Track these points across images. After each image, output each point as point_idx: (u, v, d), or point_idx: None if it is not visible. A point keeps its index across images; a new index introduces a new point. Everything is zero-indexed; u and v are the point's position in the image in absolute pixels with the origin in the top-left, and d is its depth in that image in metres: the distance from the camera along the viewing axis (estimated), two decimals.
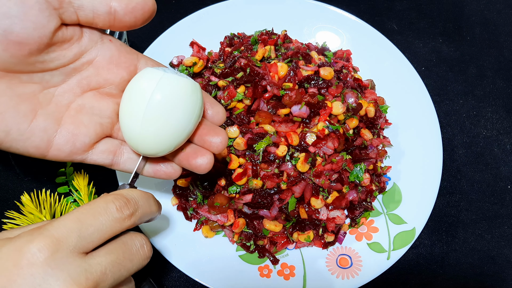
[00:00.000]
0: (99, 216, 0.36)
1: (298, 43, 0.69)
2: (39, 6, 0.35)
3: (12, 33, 0.35)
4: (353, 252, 0.61)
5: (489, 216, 0.68)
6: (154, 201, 0.42)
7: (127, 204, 0.38)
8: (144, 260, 0.40)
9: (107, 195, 0.38)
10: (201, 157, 0.45)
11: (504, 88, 0.77)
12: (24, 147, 0.40)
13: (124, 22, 0.40)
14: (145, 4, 0.40)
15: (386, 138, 0.66)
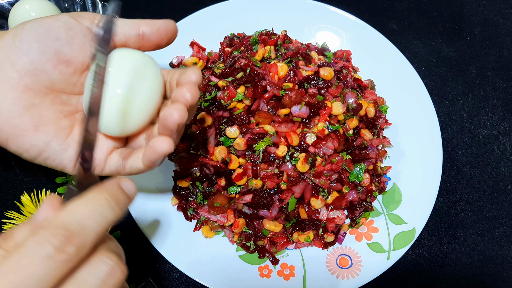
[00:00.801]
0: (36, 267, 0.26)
1: (298, 43, 0.69)
2: (83, 32, 0.43)
3: (61, 53, 0.42)
4: (353, 252, 0.61)
5: (489, 216, 0.68)
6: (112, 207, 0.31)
7: (70, 240, 0.27)
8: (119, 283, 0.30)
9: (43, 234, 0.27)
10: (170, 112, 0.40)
11: (504, 88, 0.77)
12: (60, 159, 0.43)
13: (152, 41, 0.46)
14: (168, 25, 0.46)
15: (386, 138, 0.66)
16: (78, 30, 0.43)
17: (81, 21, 0.43)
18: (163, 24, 0.45)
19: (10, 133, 0.41)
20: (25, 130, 0.41)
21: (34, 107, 0.42)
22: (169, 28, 0.46)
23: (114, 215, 0.31)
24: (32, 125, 0.41)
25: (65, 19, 0.43)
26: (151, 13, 0.80)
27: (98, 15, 0.45)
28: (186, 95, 0.40)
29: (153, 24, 0.45)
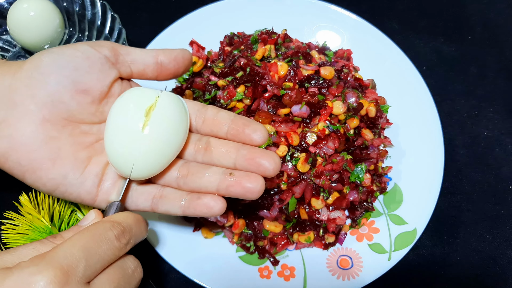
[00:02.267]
0: (102, 244, 0.36)
1: (298, 42, 0.69)
2: (101, 61, 0.43)
3: (79, 82, 0.42)
4: (353, 253, 0.60)
5: (491, 217, 0.67)
6: (145, 226, 0.43)
7: (124, 233, 0.38)
8: (138, 282, 0.40)
9: (104, 222, 0.38)
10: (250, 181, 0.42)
11: (505, 88, 0.77)
12: (78, 192, 0.43)
13: (169, 70, 0.46)
14: (184, 53, 0.47)
15: (387, 138, 0.65)
16: (96, 59, 0.43)
17: (100, 50, 0.43)
18: (180, 53, 0.46)
19: (27, 166, 0.42)
20: (43, 164, 0.41)
21: (52, 140, 0.42)
22: (185, 56, 0.47)
23: (145, 232, 0.43)
24: (50, 159, 0.41)
25: (84, 49, 0.43)
26: (150, 12, 0.80)
27: (117, 44, 0.45)
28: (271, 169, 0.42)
29: (170, 53, 0.46)
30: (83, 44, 0.44)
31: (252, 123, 0.44)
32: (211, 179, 0.43)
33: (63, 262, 0.33)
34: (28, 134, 0.41)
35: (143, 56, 0.46)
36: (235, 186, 0.42)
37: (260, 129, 0.44)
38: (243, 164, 0.43)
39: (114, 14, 0.71)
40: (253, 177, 0.42)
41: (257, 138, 0.44)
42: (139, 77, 0.47)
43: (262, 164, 0.42)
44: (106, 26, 0.71)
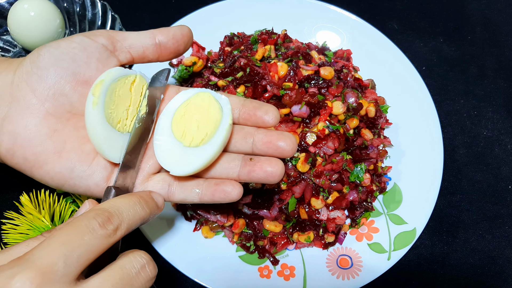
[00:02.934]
0: (83, 235, 0.33)
1: (298, 42, 0.69)
2: (99, 50, 0.43)
3: (79, 73, 0.42)
4: (353, 252, 0.60)
5: (490, 217, 0.67)
6: (142, 206, 0.39)
7: (110, 219, 0.35)
8: (148, 282, 0.37)
9: (87, 213, 0.35)
10: (271, 165, 0.42)
11: (505, 88, 0.77)
12: (86, 185, 0.43)
13: (169, 49, 0.45)
14: (182, 30, 0.46)
15: (386, 138, 0.66)
16: (93, 49, 0.43)
17: (96, 39, 0.43)
18: (178, 30, 0.46)
19: (34, 161, 0.41)
20: (48, 158, 0.41)
21: (56, 134, 0.41)
22: (184, 33, 0.46)
23: (144, 213, 0.39)
24: (55, 152, 0.41)
25: (80, 39, 0.43)
26: (150, 12, 0.80)
27: (112, 31, 0.45)
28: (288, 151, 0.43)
29: (168, 32, 0.45)
30: (79, 35, 0.44)
31: (263, 105, 0.45)
32: (231, 165, 0.44)
33: (40, 262, 0.31)
34: (32, 128, 0.41)
35: (141, 39, 0.45)
36: (256, 170, 0.42)
37: (271, 110, 0.44)
38: (261, 148, 0.44)
39: (114, 15, 0.71)
40: (273, 161, 0.43)
41: (269, 119, 0.44)
42: (140, 60, 0.47)
43: (280, 146, 0.43)
44: (107, 27, 0.71)
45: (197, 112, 0.43)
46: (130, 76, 0.43)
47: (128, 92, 0.43)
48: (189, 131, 0.42)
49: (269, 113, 0.44)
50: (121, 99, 0.43)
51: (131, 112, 0.44)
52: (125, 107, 0.43)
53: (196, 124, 0.42)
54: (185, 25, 0.47)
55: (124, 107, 0.43)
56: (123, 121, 0.43)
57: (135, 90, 0.44)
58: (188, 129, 0.43)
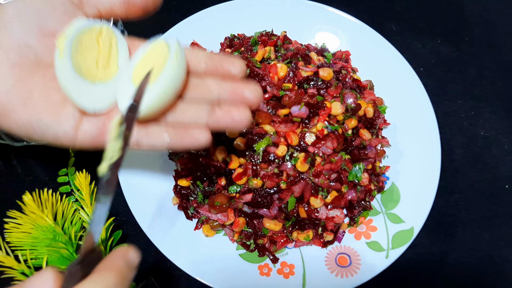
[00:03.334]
0: None
1: (297, 44, 0.69)
2: (64, 3, 0.43)
3: (43, 25, 0.42)
4: (352, 251, 0.61)
5: (488, 216, 0.68)
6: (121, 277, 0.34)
7: None
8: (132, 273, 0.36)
9: None
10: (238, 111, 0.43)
11: (502, 88, 0.77)
12: (55, 133, 0.42)
13: (137, 5, 0.45)
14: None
15: (384, 138, 0.66)
16: (59, 2, 0.43)
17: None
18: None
19: (0, 110, 0.41)
20: (15, 108, 0.41)
21: (22, 84, 0.41)
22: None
23: None
24: (21, 102, 0.41)
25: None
26: None
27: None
28: None
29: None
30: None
31: (229, 57, 0.46)
32: (200, 113, 0.44)
33: None
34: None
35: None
36: (224, 117, 0.43)
37: (237, 62, 0.45)
38: (226, 97, 0.45)
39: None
40: (240, 108, 0.43)
41: (235, 70, 0.45)
42: (108, 16, 0.46)
43: (246, 95, 0.44)
44: None
45: (151, 59, 0.44)
46: (95, 27, 0.44)
47: (95, 43, 0.44)
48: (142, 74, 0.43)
49: (236, 65, 0.45)
50: (88, 50, 0.44)
51: (100, 62, 0.44)
52: (93, 57, 0.44)
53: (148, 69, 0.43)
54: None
55: (92, 57, 0.44)
56: (93, 71, 0.44)
57: (102, 41, 0.44)
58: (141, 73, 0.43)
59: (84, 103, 0.42)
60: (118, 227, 0.64)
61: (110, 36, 0.45)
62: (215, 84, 0.45)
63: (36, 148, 0.69)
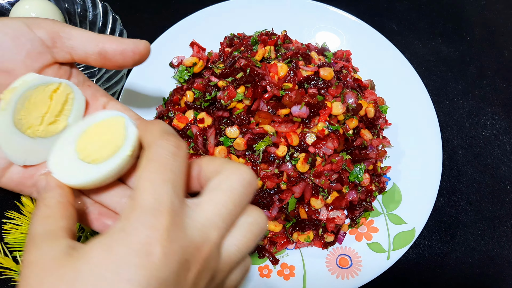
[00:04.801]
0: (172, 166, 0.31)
1: (298, 43, 0.69)
2: (33, 43, 0.39)
3: (1, 63, 0.38)
4: (353, 252, 0.61)
5: (489, 216, 0.68)
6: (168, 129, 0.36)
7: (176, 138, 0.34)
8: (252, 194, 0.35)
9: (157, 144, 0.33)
10: None
11: (504, 88, 0.77)
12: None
13: (115, 62, 0.42)
14: (135, 47, 0.42)
15: (386, 138, 0.66)
16: (26, 40, 0.39)
17: (36, 31, 0.39)
18: (130, 47, 0.42)
19: None
20: None
21: None
22: (137, 51, 0.42)
23: None
24: None
25: (16, 26, 0.39)
26: (151, 13, 0.80)
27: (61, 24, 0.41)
28: None
29: (117, 45, 0.41)
30: (19, 20, 0.39)
31: None
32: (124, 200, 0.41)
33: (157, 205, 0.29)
34: None
35: (85, 44, 0.41)
36: None
37: None
38: None
39: (115, 15, 0.72)
40: None
41: None
42: (81, 62, 0.43)
43: None
44: (107, 27, 0.72)
45: (104, 133, 0.41)
46: (52, 84, 0.41)
47: (47, 99, 0.41)
48: (89, 147, 0.41)
49: None
50: (35, 106, 0.41)
51: (47, 118, 0.42)
52: (39, 114, 0.41)
53: (98, 144, 0.41)
54: (143, 41, 0.43)
55: (38, 114, 0.41)
56: (35, 126, 0.41)
57: (56, 98, 0.41)
58: (88, 145, 0.41)
59: (15, 156, 0.40)
60: None
61: (67, 92, 0.42)
62: None
63: None
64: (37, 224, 0.33)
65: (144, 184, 0.30)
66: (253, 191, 0.33)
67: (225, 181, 0.33)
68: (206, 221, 0.30)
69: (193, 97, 0.64)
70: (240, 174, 0.33)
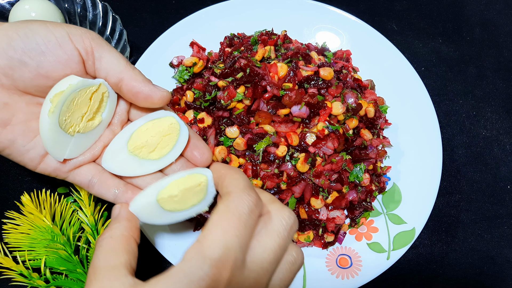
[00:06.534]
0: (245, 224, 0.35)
1: (298, 43, 0.69)
2: (71, 53, 0.42)
3: (43, 68, 0.41)
4: (353, 252, 0.61)
5: (489, 216, 0.68)
6: None
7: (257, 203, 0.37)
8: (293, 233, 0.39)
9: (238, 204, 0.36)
10: None
11: (503, 88, 0.77)
12: (22, 157, 0.44)
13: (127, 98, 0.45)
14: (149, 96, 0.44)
15: (386, 138, 0.66)
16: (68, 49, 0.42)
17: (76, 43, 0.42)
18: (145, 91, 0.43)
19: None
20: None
21: (7, 106, 0.42)
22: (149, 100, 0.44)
23: None
24: (3, 122, 0.42)
25: (60, 35, 0.41)
26: (151, 13, 0.80)
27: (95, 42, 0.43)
28: None
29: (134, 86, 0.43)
30: (62, 29, 0.42)
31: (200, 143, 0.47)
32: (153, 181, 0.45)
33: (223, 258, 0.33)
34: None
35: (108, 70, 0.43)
36: None
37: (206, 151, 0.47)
38: None
39: (115, 15, 0.72)
40: None
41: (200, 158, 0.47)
42: None
43: None
44: (107, 27, 0.71)
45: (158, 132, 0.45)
46: (92, 86, 0.43)
47: (88, 101, 0.44)
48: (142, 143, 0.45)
49: (203, 154, 0.47)
50: (78, 107, 0.43)
51: (87, 116, 0.45)
52: (81, 114, 0.44)
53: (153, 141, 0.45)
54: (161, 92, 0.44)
55: (80, 114, 0.44)
56: (76, 126, 0.44)
57: (95, 98, 0.44)
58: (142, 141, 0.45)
59: (57, 153, 0.43)
60: None
61: (103, 91, 0.44)
62: (178, 163, 0.47)
63: None
64: (101, 256, 0.37)
65: (216, 232, 0.34)
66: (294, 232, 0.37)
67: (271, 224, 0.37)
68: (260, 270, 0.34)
69: (193, 97, 0.64)
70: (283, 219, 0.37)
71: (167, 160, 0.46)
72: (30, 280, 0.55)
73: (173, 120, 0.45)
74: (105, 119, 0.46)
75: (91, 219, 0.58)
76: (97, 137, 0.47)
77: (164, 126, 0.45)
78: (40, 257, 0.56)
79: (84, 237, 0.58)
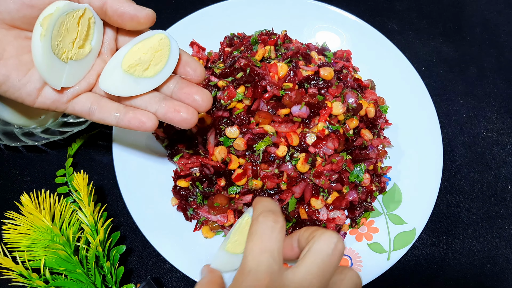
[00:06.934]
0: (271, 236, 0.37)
1: (298, 43, 0.69)
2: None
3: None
4: (353, 252, 0.60)
5: (490, 217, 0.68)
6: None
7: (276, 214, 0.39)
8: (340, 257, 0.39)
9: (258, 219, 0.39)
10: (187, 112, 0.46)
11: (504, 88, 0.77)
12: (19, 93, 0.44)
13: (114, 21, 0.45)
14: (135, 15, 0.44)
15: (386, 138, 0.66)
16: None
17: None
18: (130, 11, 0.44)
19: None
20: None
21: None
22: (135, 19, 0.44)
23: None
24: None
25: None
26: None
27: None
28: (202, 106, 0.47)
29: (119, 6, 0.43)
30: None
31: (193, 61, 0.48)
32: (152, 102, 0.47)
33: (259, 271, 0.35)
34: None
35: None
36: (173, 113, 0.46)
37: (199, 68, 0.48)
38: (179, 95, 0.47)
39: None
40: (190, 110, 0.46)
41: (194, 75, 0.48)
42: None
43: (196, 99, 0.47)
44: None
45: (146, 50, 0.46)
46: (79, 10, 0.44)
47: (76, 26, 0.45)
48: (136, 61, 0.45)
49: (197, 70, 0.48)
50: (68, 32, 0.44)
51: (77, 43, 0.46)
52: (71, 40, 0.45)
53: (146, 58, 0.45)
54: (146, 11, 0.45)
55: (70, 39, 0.45)
56: (68, 52, 0.45)
57: (82, 23, 0.45)
58: (135, 58, 0.45)
59: (53, 81, 0.44)
60: (116, 228, 0.64)
61: (89, 17, 0.45)
62: (173, 81, 0.48)
63: (34, 148, 0.68)
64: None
65: (246, 253, 0.37)
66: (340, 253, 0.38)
67: (314, 245, 0.38)
68: (300, 279, 0.36)
69: None
70: (326, 238, 0.38)
71: (162, 77, 0.47)
72: (29, 281, 0.55)
73: (162, 35, 0.46)
74: (95, 48, 0.47)
75: (91, 219, 0.58)
76: (90, 66, 0.47)
77: (155, 42, 0.46)
78: (40, 257, 0.56)
79: (83, 237, 0.58)
